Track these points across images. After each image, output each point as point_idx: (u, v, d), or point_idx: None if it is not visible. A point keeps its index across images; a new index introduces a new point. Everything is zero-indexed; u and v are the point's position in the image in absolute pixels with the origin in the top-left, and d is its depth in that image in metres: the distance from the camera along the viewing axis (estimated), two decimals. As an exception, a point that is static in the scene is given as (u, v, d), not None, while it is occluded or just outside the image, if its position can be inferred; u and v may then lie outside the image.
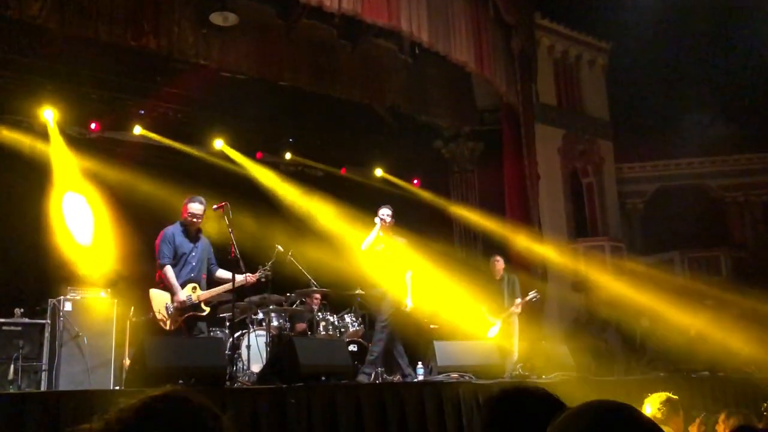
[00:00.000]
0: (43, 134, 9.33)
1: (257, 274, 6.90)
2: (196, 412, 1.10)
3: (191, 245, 6.74)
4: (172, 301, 6.46)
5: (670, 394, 4.41)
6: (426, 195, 12.37)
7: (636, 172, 16.02)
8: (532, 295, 9.17)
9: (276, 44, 9.81)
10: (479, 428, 2.00)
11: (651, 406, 4.32)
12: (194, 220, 6.72)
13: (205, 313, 6.67)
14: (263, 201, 10.35)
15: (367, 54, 10.92)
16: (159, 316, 6.44)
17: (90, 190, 9.31)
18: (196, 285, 6.60)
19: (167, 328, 6.43)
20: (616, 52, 15.35)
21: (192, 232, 6.79)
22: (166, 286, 6.53)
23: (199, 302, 6.58)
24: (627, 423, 1.17)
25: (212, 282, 6.85)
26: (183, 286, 6.54)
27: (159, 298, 6.48)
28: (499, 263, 9.41)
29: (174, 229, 6.77)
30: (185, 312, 6.50)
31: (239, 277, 6.57)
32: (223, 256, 6.92)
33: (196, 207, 6.76)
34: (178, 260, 6.66)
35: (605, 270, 12.85)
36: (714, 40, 15.02)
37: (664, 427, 3.99)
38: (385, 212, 7.81)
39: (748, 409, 5.06)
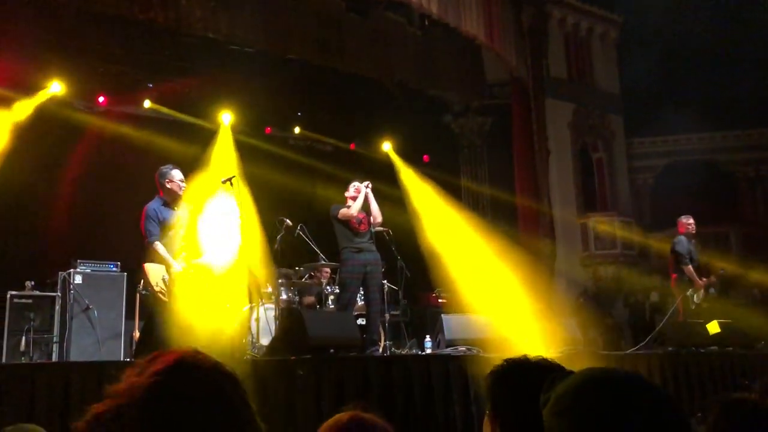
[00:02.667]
0: (53, 108, 9.37)
1: None
2: (211, 377, 1.07)
3: (176, 215, 6.61)
4: (168, 272, 6.44)
5: None
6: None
7: (646, 147, 15.91)
8: (722, 270, 9.61)
9: (284, 17, 9.76)
10: (485, 400, 2.01)
11: None
12: (183, 185, 6.56)
13: None
14: (272, 174, 10.34)
15: (375, 27, 10.84)
16: (158, 289, 6.41)
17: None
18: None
19: (166, 299, 6.40)
20: (627, 26, 15.18)
21: (174, 202, 6.63)
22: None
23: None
24: (634, 388, 1.15)
25: None
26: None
27: (155, 271, 6.44)
28: (693, 225, 9.50)
29: (155, 205, 6.56)
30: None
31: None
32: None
33: (179, 173, 6.62)
34: (166, 233, 6.56)
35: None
36: (727, 13, 14.83)
37: None
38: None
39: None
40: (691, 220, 9.53)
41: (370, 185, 7.64)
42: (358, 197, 7.53)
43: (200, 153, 8.87)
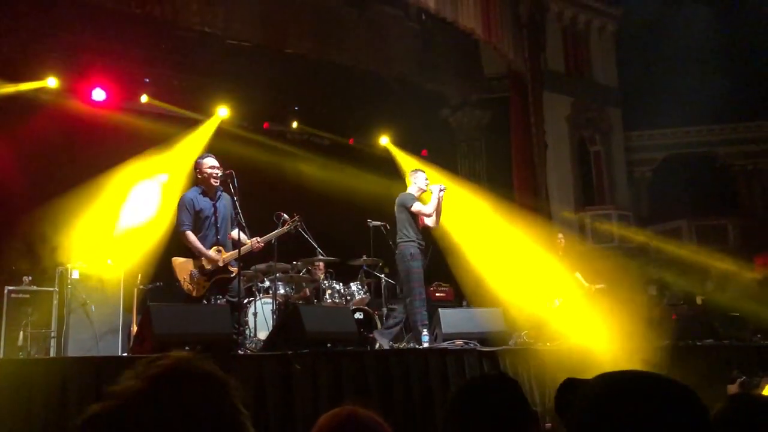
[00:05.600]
0: (48, 101, 9.38)
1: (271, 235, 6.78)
2: (203, 385, 1.11)
3: (213, 206, 6.51)
4: (196, 266, 6.37)
5: None
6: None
7: (644, 140, 15.92)
8: (600, 286, 9.81)
9: (281, 11, 9.72)
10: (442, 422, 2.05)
11: None
12: (216, 174, 6.47)
13: (233, 275, 6.49)
14: (269, 169, 10.33)
15: (373, 21, 10.81)
16: (185, 285, 6.34)
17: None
18: (221, 248, 6.46)
19: (195, 294, 6.35)
20: (625, 19, 15.16)
21: (212, 192, 6.55)
22: (191, 252, 6.41)
23: (225, 265, 6.46)
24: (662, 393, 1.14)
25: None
26: (209, 249, 6.42)
27: (182, 266, 6.38)
28: (562, 240, 9.91)
29: (192, 194, 6.52)
30: (212, 276, 6.41)
31: (250, 242, 6.50)
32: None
33: (212, 160, 6.54)
34: (202, 224, 6.46)
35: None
36: (723, 7, 14.81)
37: None
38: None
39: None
40: (561, 235, 10.06)
41: (444, 189, 7.64)
42: (432, 198, 7.54)
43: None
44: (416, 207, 7.46)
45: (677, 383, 1.14)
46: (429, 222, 7.57)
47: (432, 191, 7.56)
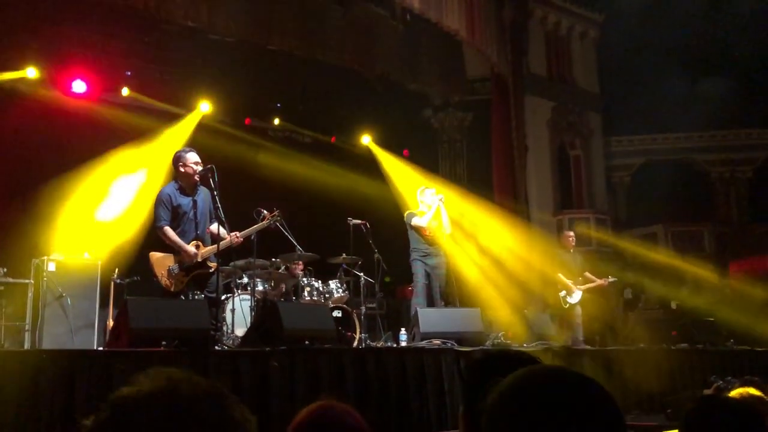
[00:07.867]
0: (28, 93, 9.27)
1: (250, 230, 6.71)
2: (202, 402, 1.05)
3: (191, 201, 6.41)
4: (175, 261, 6.31)
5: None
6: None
7: (624, 145, 16.05)
8: (612, 278, 10.12)
9: (266, 7, 9.69)
10: (461, 390, 2.02)
11: None
12: (198, 168, 6.34)
13: (211, 270, 6.38)
14: (250, 165, 10.30)
15: (358, 19, 10.81)
16: (163, 281, 6.26)
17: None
18: (200, 243, 6.37)
19: (172, 290, 6.27)
20: (607, 25, 15.28)
21: (190, 187, 6.43)
22: (169, 247, 6.30)
23: (204, 260, 6.35)
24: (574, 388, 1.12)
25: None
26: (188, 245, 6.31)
27: (161, 261, 6.29)
28: (573, 238, 10.12)
29: (169, 190, 6.40)
30: (191, 271, 6.31)
31: (230, 236, 6.42)
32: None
33: (195, 156, 6.42)
34: (181, 220, 6.35)
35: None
36: (705, 15, 14.98)
37: None
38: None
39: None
40: (572, 234, 10.26)
41: (443, 199, 8.20)
42: (430, 211, 8.15)
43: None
44: (414, 222, 8.24)
45: (588, 379, 1.13)
46: (440, 229, 8.21)
47: (432, 203, 8.18)
